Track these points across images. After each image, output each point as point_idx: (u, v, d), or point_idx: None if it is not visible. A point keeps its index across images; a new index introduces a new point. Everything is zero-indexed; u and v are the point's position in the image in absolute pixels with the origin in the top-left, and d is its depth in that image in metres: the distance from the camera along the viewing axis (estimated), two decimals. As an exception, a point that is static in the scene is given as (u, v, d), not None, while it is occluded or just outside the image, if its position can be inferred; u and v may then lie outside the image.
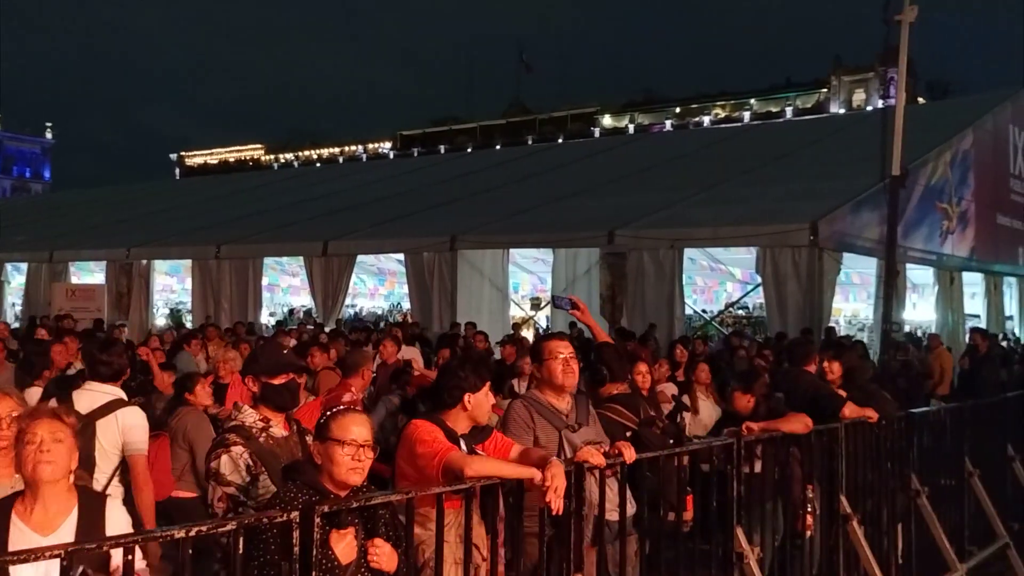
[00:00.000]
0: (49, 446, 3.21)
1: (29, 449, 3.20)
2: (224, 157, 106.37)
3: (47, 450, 3.20)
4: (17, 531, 3.18)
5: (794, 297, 14.44)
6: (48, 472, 3.21)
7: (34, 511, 3.23)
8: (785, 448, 5.68)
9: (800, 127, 37.99)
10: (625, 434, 4.93)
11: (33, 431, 3.23)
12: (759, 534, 5.36)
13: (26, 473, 3.22)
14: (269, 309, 24.39)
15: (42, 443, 3.20)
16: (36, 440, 3.21)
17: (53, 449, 3.21)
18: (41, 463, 3.19)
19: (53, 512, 3.26)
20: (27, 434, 3.23)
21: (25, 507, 3.23)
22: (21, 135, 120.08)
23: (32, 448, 3.20)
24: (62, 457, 3.25)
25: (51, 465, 3.21)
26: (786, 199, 16.62)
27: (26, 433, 3.24)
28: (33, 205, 44.95)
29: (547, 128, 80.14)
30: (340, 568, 3.09)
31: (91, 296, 20.16)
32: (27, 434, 3.23)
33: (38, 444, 3.20)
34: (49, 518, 3.24)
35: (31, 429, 3.24)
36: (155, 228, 24.95)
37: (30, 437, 3.22)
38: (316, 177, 37.18)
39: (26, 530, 3.19)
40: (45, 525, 3.23)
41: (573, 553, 3.97)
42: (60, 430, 3.27)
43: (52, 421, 3.29)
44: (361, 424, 3.36)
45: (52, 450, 3.21)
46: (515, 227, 18.43)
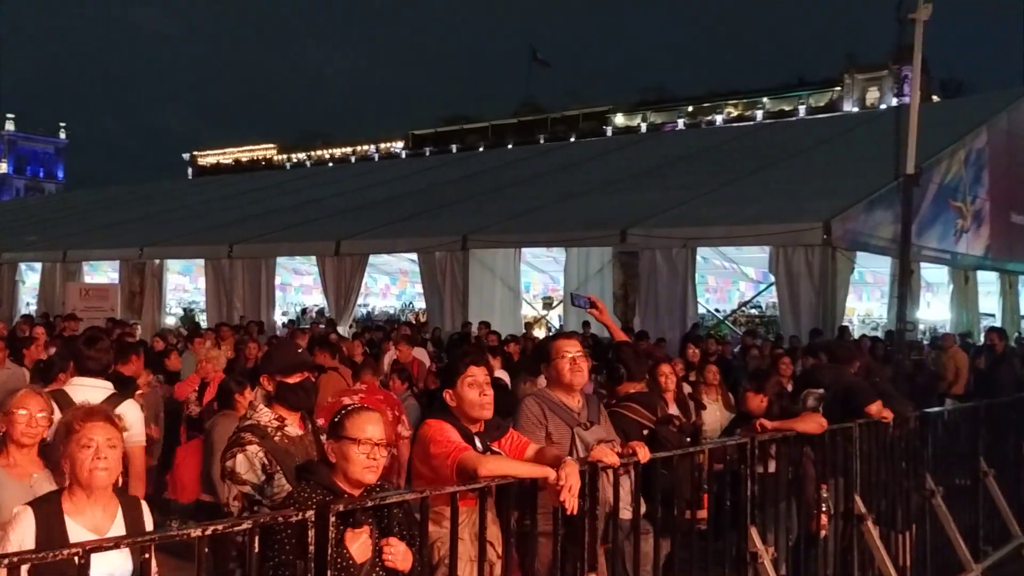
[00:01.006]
0: (105, 452, 3.20)
1: (86, 453, 3.17)
2: (236, 157, 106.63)
3: (104, 456, 3.19)
4: (76, 532, 3.17)
5: (807, 296, 14.39)
6: (104, 479, 3.21)
7: (86, 512, 3.23)
8: (799, 448, 5.66)
9: (813, 126, 37.85)
10: (642, 433, 4.93)
11: (90, 436, 3.20)
12: (773, 534, 5.35)
13: (82, 477, 3.19)
14: (282, 308, 24.45)
15: (99, 449, 3.19)
16: (93, 445, 3.18)
17: (109, 456, 3.21)
18: (97, 470, 3.18)
19: (103, 513, 3.27)
20: (83, 438, 3.19)
21: (75, 506, 3.23)
22: (35, 135, 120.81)
23: (89, 452, 3.17)
24: (116, 463, 3.26)
25: (107, 472, 3.21)
26: (799, 198, 16.56)
27: (82, 436, 3.20)
28: (47, 205, 45.18)
29: (559, 127, 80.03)
30: (355, 567, 3.10)
31: (104, 296, 20.23)
32: (83, 438, 3.19)
33: (95, 450, 3.18)
34: (99, 520, 3.25)
35: (88, 433, 3.20)
36: (168, 228, 25.05)
37: (87, 441, 3.18)
38: (328, 177, 37.25)
39: (84, 531, 3.18)
40: (99, 526, 3.24)
41: (587, 552, 3.97)
42: (115, 436, 3.27)
43: (107, 426, 3.27)
44: (375, 423, 3.36)
45: (108, 456, 3.21)
46: (527, 226, 18.42)
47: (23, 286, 25.18)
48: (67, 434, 3.26)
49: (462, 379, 4.01)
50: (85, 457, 3.18)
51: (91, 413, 3.35)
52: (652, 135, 56.66)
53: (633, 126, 78.67)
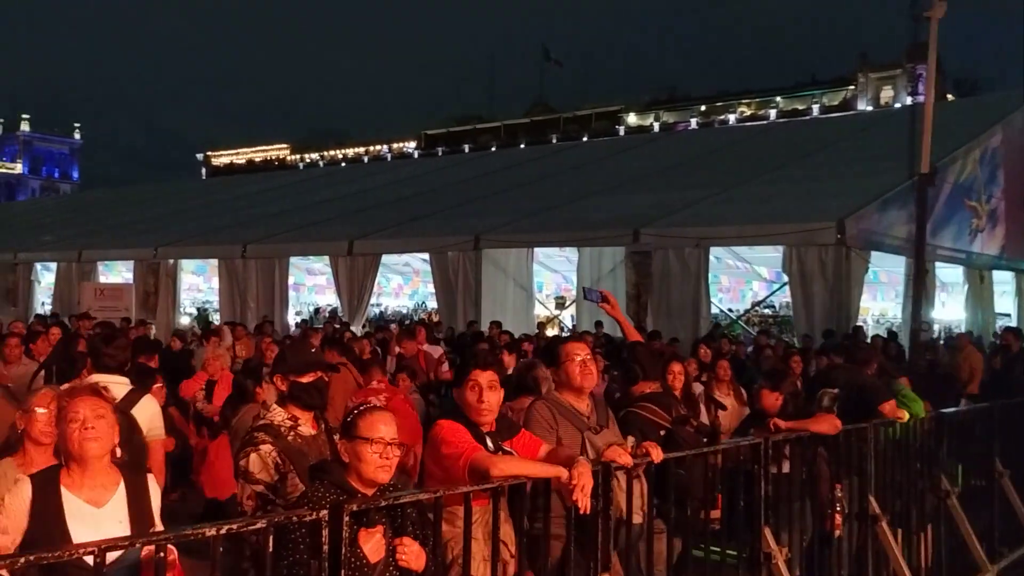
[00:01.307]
0: (92, 423, 3.26)
1: (73, 427, 3.24)
2: (250, 157, 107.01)
3: (91, 427, 3.25)
4: (73, 504, 3.22)
5: (821, 296, 14.33)
6: (95, 448, 3.26)
7: (84, 485, 3.27)
8: (813, 448, 5.65)
9: (826, 125, 37.71)
10: (659, 433, 4.92)
11: (75, 408, 3.27)
12: (787, 534, 5.33)
13: (73, 450, 3.25)
14: (295, 308, 24.51)
15: (85, 420, 3.25)
16: (79, 418, 3.25)
17: (97, 425, 3.26)
18: (87, 440, 3.24)
19: (101, 485, 3.31)
20: (69, 412, 3.27)
21: (72, 480, 3.27)
22: (50, 136, 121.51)
23: (76, 426, 3.24)
24: (106, 432, 3.31)
25: (97, 441, 3.26)
26: (812, 197, 16.49)
27: (68, 411, 3.27)
28: (62, 205, 45.42)
29: (571, 127, 80.00)
30: (369, 566, 3.11)
31: (119, 295, 20.33)
32: (69, 412, 3.27)
33: (81, 421, 3.24)
34: (98, 491, 3.29)
35: (72, 407, 3.28)
36: (182, 228, 25.14)
37: (72, 415, 3.26)
38: (341, 177, 37.32)
39: (79, 502, 3.23)
40: (96, 498, 3.28)
41: (600, 552, 3.97)
42: (101, 406, 3.33)
43: (92, 398, 3.34)
44: (388, 422, 3.37)
45: (96, 426, 3.26)
46: (539, 226, 18.41)
47: (39, 286, 25.31)
48: (58, 413, 3.34)
49: (465, 382, 4.03)
50: (73, 430, 3.24)
51: (75, 389, 3.42)
52: (665, 135, 56.50)
53: (645, 126, 78.57)
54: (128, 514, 3.30)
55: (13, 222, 35.13)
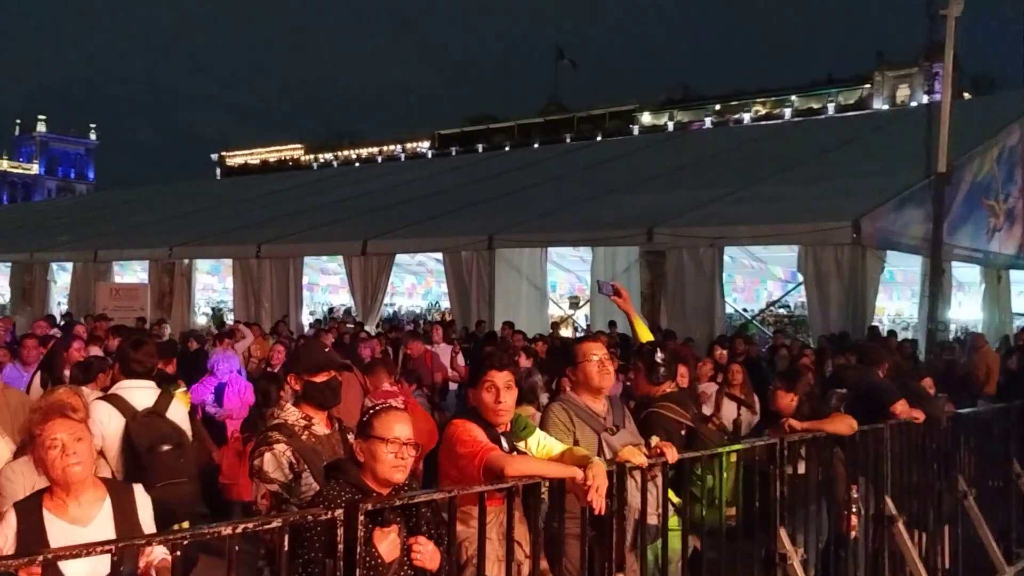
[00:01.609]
0: (73, 447, 3.22)
1: (53, 454, 3.20)
2: (264, 157, 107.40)
3: (72, 452, 3.21)
4: (57, 527, 3.20)
5: (837, 296, 14.26)
6: (79, 473, 3.23)
7: (68, 506, 3.25)
8: (829, 448, 5.61)
9: (842, 124, 37.51)
10: (681, 432, 4.92)
11: (52, 435, 3.22)
12: (803, 535, 5.30)
13: (56, 476, 3.22)
14: (309, 308, 24.57)
15: (65, 446, 3.21)
16: (58, 444, 3.21)
17: (78, 450, 3.23)
18: (69, 466, 3.21)
19: (86, 504, 3.29)
20: (47, 439, 3.22)
21: (55, 503, 3.25)
22: (66, 136, 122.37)
23: (56, 452, 3.20)
24: (87, 454, 3.28)
25: (80, 465, 3.24)
26: (828, 196, 16.40)
27: (45, 438, 3.22)
28: (78, 206, 45.64)
29: (585, 126, 79.94)
30: (384, 566, 3.11)
31: (134, 295, 20.42)
32: (47, 439, 3.22)
33: (62, 447, 3.20)
34: (84, 510, 3.27)
35: (49, 433, 3.23)
36: (197, 228, 25.23)
37: (51, 442, 3.21)
38: (355, 177, 37.37)
39: (65, 525, 3.21)
40: (81, 517, 3.26)
41: (615, 553, 3.96)
42: (77, 428, 3.28)
43: (66, 421, 3.28)
44: (404, 422, 3.37)
45: (77, 451, 3.22)
46: (553, 226, 18.38)
47: (55, 286, 25.44)
48: (31, 440, 3.28)
49: (481, 383, 4.02)
50: (54, 457, 3.20)
51: (47, 413, 3.35)
52: (679, 134, 56.36)
53: (660, 125, 78.45)
54: (115, 529, 3.27)
55: (29, 222, 35.33)
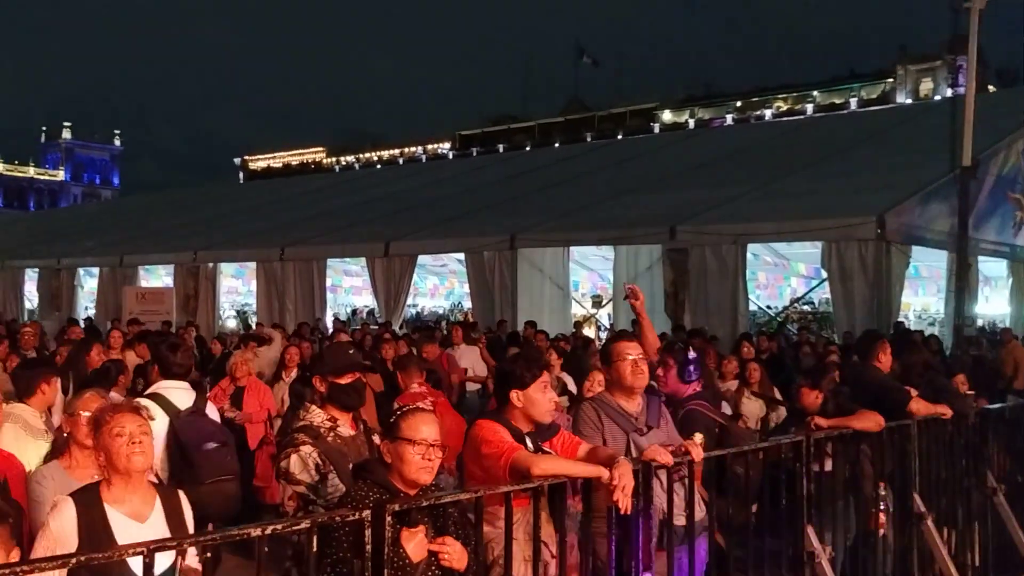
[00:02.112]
0: (139, 438, 3.32)
1: (120, 441, 3.29)
2: (286, 160, 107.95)
3: (138, 441, 3.31)
4: (119, 521, 3.27)
5: (861, 292, 14.16)
6: (141, 462, 3.32)
7: (125, 500, 3.32)
8: (856, 446, 5.58)
9: (865, 118, 37.23)
10: (715, 430, 4.94)
11: (121, 424, 3.32)
12: (831, 533, 5.27)
13: (119, 464, 3.30)
14: (332, 310, 24.67)
15: (132, 435, 3.30)
16: (126, 432, 3.30)
17: (143, 441, 3.33)
18: (135, 454, 3.29)
19: (142, 500, 3.36)
20: (115, 427, 3.31)
21: (114, 496, 3.31)
22: (91, 143, 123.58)
23: (123, 440, 3.29)
24: (150, 448, 3.38)
25: (143, 456, 3.33)
26: (851, 192, 16.29)
27: (113, 426, 3.32)
28: (103, 211, 46.13)
29: (606, 125, 79.77)
30: (411, 566, 3.12)
31: (160, 299, 20.58)
32: (115, 427, 3.31)
33: (128, 436, 3.30)
34: (140, 507, 3.34)
35: (118, 422, 3.33)
36: (221, 231, 25.40)
37: (119, 430, 3.30)
38: (377, 178, 37.50)
39: (126, 519, 3.28)
40: (139, 513, 3.33)
41: (642, 552, 3.95)
42: (144, 423, 3.39)
43: (135, 415, 3.40)
44: (430, 423, 3.39)
45: (143, 441, 3.32)
46: (575, 225, 18.37)
47: (82, 291, 25.69)
48: (98, 427, 3.36)
49: (536, 384, 4.02)
50: (120, 445, 3.29)
51: (117, 405, 3.48)
52: (700, 131, 56.11)
53: (681, 122, 78.16)
54: (168, 529, 3.34)
55: (56, 228, 35.67)
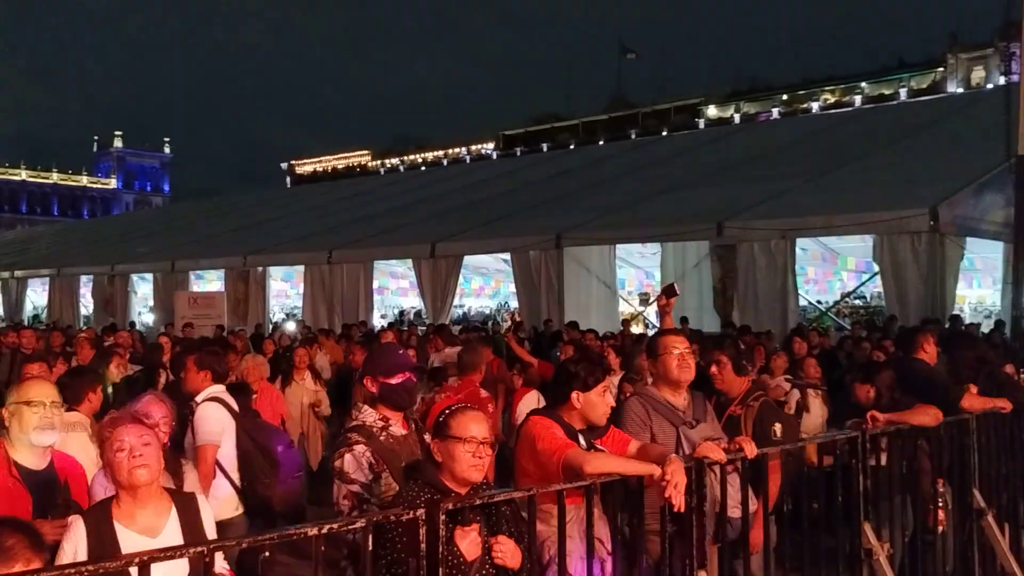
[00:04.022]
0: (140, 450, 3.25)
1: (120, 456, 3.24)
2: (332, 164, 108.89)
3: (139, 454, 3.24)
4: (128, 538, 3.22)
5: (915, 285, 13.93)
6: (144, 476, 3.25)
7: (135, 516, 3.27)
8: (913, 441, 5.48)
9: (916, 109, 36.63)
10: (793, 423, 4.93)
11: (120, 437, 3.26)
12: (888, 529, 5.19)
13: (122, 479, 3.25)
14: (380, 312, 24.84)
15: (132, 448, 3.24)
16: (126, 446, 3.24)
17: (144, 453, 3.26)
18: (136, 468, 3.23)
19: (154, 513, 3.32)
20: (115, 441, 3.26)
21: (124, 512, 3.27)
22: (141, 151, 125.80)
23: (124, 454, 3.23)
24: (154, 459, 3.30)
25: (146, 468, 3.25)
26: (903, 184, 16.03)
27: (113, 440, 3.26)
28: (154, 218, 46.86)
29: (650, 121, 79.27)
30: (466, 564, 3.13)
31: (212, 303, 20.85)
32: (115, 441, 3.26)
33: (129, 450, 3.24)
34: (152, 520, 3.30)
35: (118, 435, 3.27)
36: (269, 236, 25.72)
37: (119, 444, 3.25)
38: (422, 180, 37.71)
39: (135, 536, 3.23)
40: (151, 527, 3.28)
41: (696, 550, 3.92)
42: (146, 433, 3.32)
43: (136, 425, 3.34)
44: (479, 422, 3.39)
45: (144, 454, 3.26)
46: (621, 222, 18.30)
47: (135, 296, 26.16)
48: (101, 443, 3.33)
49: (598, 388, 4.06)
50: (121, 460, 3.24)
51: (117, 418, 3.41)
52: (746, 126, 55.68)
53: (726, 118, 77.42)
54: (183, 540, 3.28)
55: (109, 236, 36.39)
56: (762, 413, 5.09)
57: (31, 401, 3.80)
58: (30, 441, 3.78)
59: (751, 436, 4.87)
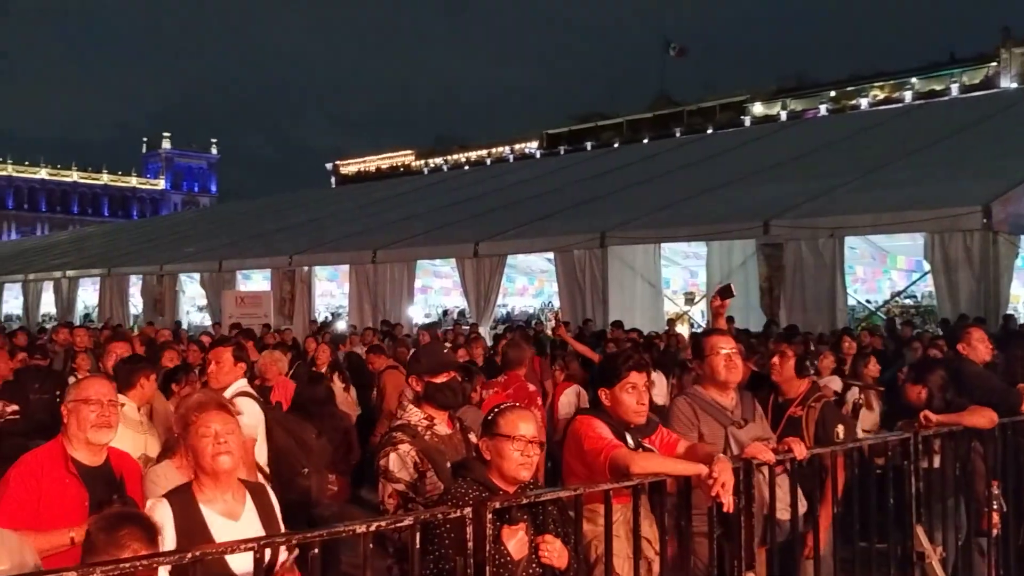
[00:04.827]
0: (225, 437, 3.30)
1: (206, 441, 3.28)
2: (376, 165, 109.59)
3: (224, 441, 3.29)
4: (215, 520, 3.29)
5: (967, 284, 13.68)
6: (228, 463, 3.30)
7: (217, 499, 3.33)
8: (967, 442, 5.37)
9: (967, 105, 35.92)
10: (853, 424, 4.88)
11: (207, 423, 3.30)
12: (941, 532, 5.09)
13: (206, 465, 3.29)
14: (424, 311, 24.94)
15: (218, 435, 3.29)
16: (211, 432, 3.29)
17: (229, 440, 3.31)
18: (221, 454, 3.28)
19: (233, 499, 3.37)
20: (201, 427, 3.30)
21: (207, 496, 3.32)
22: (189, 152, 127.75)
23: (209, 440, 3.28)
24: (237, 447, 3.36)
25: (230, 455, 3.30)
26: (954, 181, 15.75)
27: (199, 425, 3.30)
28: (202, 218, 47.46)
29: (695, 119, 78.68)
30: (513, 563, 3.12)
31: (258, 303, 21.08)
32: (201, 427, 3.30)
33: (214, 436, 3.28)
34: (232, 505, 3.35)
35: (204, 421, 3.31)
36: (314, 235, 25.93)
37: (204, 430, 3.29)
38: (465, 180, 37.78)
39: (218, 516, 3.30)
40: (232, 511, 3.34)
41: (744, 551, 3.88)
42: (230, 421, 3.38)
43: (221, 412, 3.38)
44: (528, 420, 3.39)
45: (228, 440, 3.30)
46: (666, 221, 18.18)
47: (183, 295, 26.53)
48: (184, 427, 3.36)
49: (621, 383, 4.00)
50: (206, 445, 3.27)
51: (203, 404, 3.44)
52: (793, 123, 54.88)
53: (772, 115, 76.50)
54: (261, 525, 3.35)
55: (158, 236, 36.93)
56: (824, 414, 5.03)
57: (89, 399, 3.87)
58: (87, 439, 3.85)
59: (813, 438, 4.82)
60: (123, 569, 2.38)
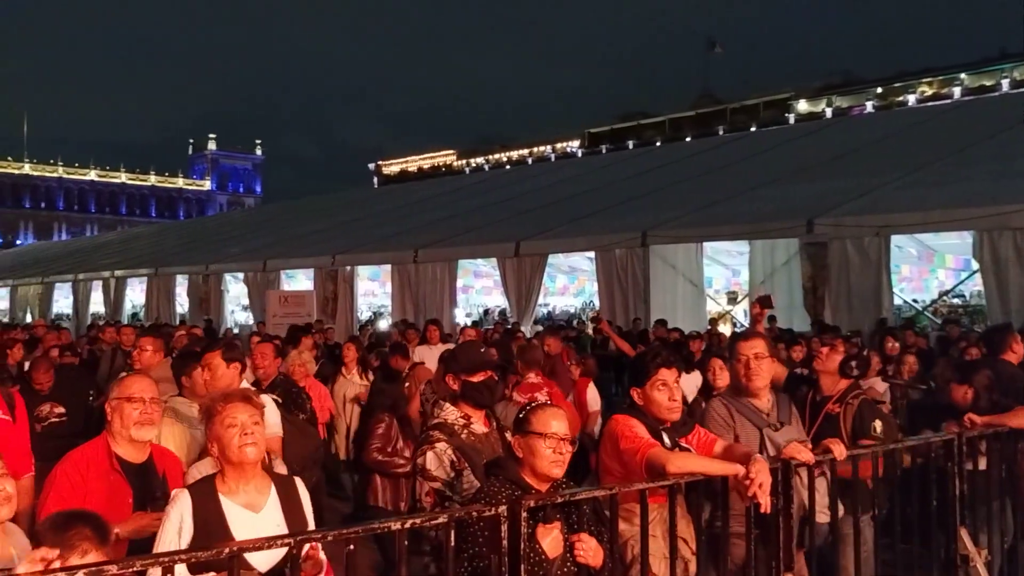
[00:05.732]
0: (250, 428, 3.33)
1: (232, 432, 3.31)
2: (418, 164, 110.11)
3: (250, 432, 3.33)
4: (234, 512, 3.32)
5: (1017, 284, 13.39)
6: (254, 453, 3.33)
7: (239, 491, 3.35)
8: (1013, 444, 5.28)
9: (1018, 101, 35.20)
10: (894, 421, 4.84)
11: (232, 415, 3.34)
12: (986, 535, 5.01)
13: (232, 455, 3.32)
14: (465, 310, 24.99)
15: (244, 425, 3.33)
16: (237, 423, 3.32)
17: (254, 431, 3.34)
18: (247, 445, 3.31)
19: (256, 490, 3.39)
20: (227, 417, 3.33)
21: (228, 487, 3.35)
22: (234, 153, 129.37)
23: (235, 431, 3.31)
24: (262, 438, 3.40)
25: (255, 447, 3.34)
26: (1004, 178, 15.42)
27: (225, 416, 3.34)
28: (246, 219, 47.98)
29: (738, 117, 78.00)
30: (547, 562, 3.13)
31: (301, 302, 21.25)
32: (227, 417, 3.33)
33: (240, 426, 3.32)
34: (254, 497, 3.37)
35: (230, 412, 3.34)
36: (357, 235, 26.10)
37: (231, 421, 3.33)
38: (506, 179, 37.80)
39: (240, 510, 3.33)
40: (253, 503, 3.36)
41: (782, 552, 3.84)
42: (256, 413, 3.41)
43: (247, 404, 3.41)
44: (560, 418, 3.40)
45: (254, 432, 3.34)
46: (708, 220, 18.04)
47: (228, 295, 26.85)
48: (210, 417, 3.39)
49: (652, 381, 3.98)
50: (232, 436, 3.31)
51: (229, 395, 3.49)
52: (838, 120, 54.12)
53: (817, 112, 75.62)
54: (284, 518, 3.37)
55: (203, 236, 37.43)
56: (861, 411, 4.99)
57: (132, 397, 3.94)
58: (131, 436, 3.92)
59: (850, 433, 4.77)
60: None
